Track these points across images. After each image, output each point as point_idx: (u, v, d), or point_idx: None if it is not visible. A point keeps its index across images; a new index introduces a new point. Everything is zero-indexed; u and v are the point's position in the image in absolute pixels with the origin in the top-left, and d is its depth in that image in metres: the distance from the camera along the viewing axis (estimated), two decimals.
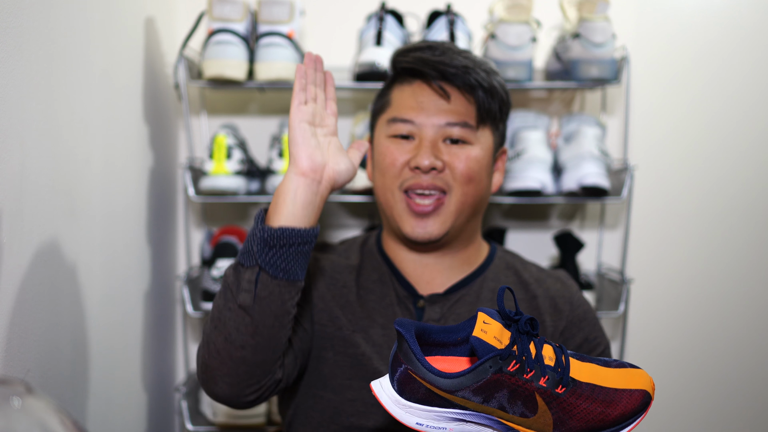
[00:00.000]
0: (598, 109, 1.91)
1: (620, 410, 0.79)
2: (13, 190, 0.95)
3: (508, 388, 0.79)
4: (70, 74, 1.17)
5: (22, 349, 0.98)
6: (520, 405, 0.79)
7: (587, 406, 0.80)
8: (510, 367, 0.78)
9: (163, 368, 1.79)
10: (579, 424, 0.80)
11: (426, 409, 0.81)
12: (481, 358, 0.79)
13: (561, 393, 0.79)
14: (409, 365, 0.80)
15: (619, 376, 0.82)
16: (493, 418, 0.81)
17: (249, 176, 1.70)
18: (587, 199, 1.67)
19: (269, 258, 0.92)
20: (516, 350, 0.79)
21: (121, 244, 1.45)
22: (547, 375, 0.80)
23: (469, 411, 0.80)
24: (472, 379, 0.79)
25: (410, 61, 1.15)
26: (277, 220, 0.93)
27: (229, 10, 1.58)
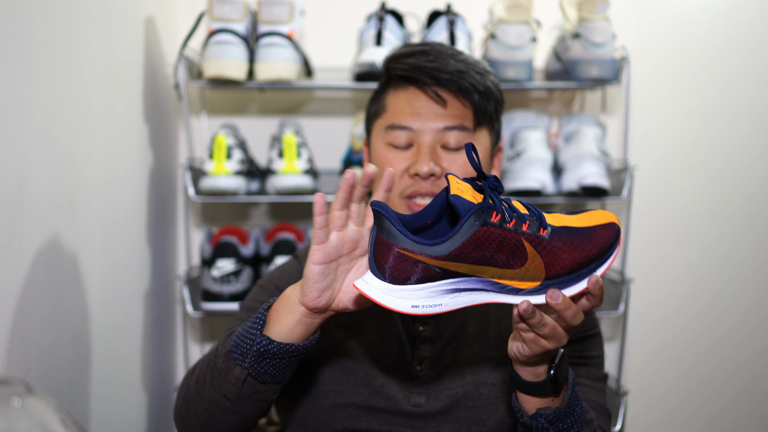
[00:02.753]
0: (598, 109, 1.91)
1: (599, 243, 0.84)
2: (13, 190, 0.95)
3: (495, 239, 0.79)
4: (70, 74, 1.17)
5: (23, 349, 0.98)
6: (511, 255, 0.80)
7: (570, 245, 0.83)
8: (492, 218, 0.79)
9: (163, 368, 1.79)
10: (567, 263, 0.83)
11: (418, 287, 0.80)
12: (463, 216, 0.79)
13: (545, 236, 0.82)
14: (396, 243, 0.79)
15: (585, 218, 0.86)
16: (486, 279, 0.81)
17: (249, 176, 1.70)
18: (587, 199, 1.67)
19: (261, 367, 0.93)
20: (493, 202, 0.80)
21: (121, 244, 1.45)
22: (527, 221, 0.81)
23: (463, 277, 0.80)
24: (460, 238, 0.78)
25: (405, 68, 1.14)
26: (275, 333, 0.92)
27: (229, 10, 1.58)
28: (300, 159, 1.63)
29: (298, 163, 1.62)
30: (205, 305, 1.63)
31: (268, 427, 1.71)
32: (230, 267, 1.63)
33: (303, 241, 1.71)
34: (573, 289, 0.84)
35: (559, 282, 0.83)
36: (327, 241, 0.88)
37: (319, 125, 1.89)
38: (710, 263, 1.97)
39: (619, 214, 1.93)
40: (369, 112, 1.23)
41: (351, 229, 0.90)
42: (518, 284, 0.82)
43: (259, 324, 0.92)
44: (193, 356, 1.87)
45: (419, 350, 1.12)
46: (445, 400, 1.10)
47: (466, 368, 1.11)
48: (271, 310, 0.94)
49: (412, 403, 1.10)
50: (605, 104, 1.88)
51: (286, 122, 1.75)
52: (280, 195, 1.64)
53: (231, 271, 1.63)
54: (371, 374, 1.12)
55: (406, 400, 1.10)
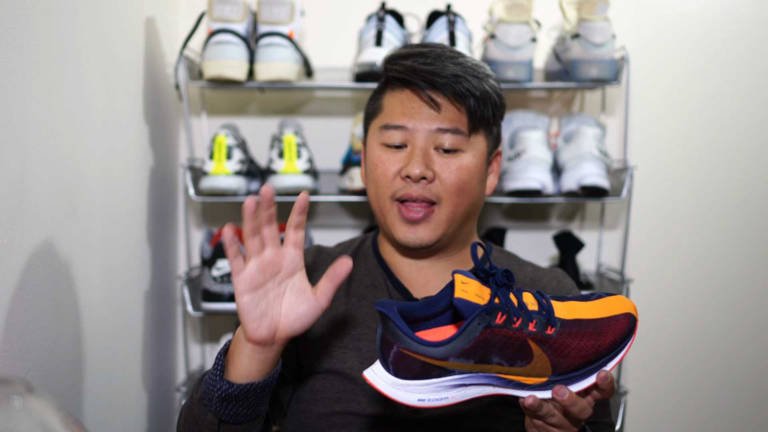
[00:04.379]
0: (597, 109, 1.91)
1: (611, 337, 0.83)
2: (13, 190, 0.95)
3: (500, 341, 0.80)
4: (70, 74, 1.17)
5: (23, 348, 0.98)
6: (516, 355, 0.80)
7: (579, 340, 0.82)
8: (497, 320, 0.79)
9: (163, 368, 1.79)
10: (575, 360, 0.82)
11: (424, 383, 0.81)
12: (467, 318, 0.79)
13: (552, 334, 0.81)
14: (399, 343, 0.80)
15: (599, 307, 0.85)
16: (492, 375, 0.81)
17: (249, 176, 1.71)
18: (587, 199, 1.67)
19: (229, 410, 0.93)
20: (499, 302, 0.80)
21: (121, 244, 1.45)
22: (534, 320, 0.81)
23: (468, 373, 0.81)
24: (463, 340, 0.79)
25: (400, 70, 1.13)
26: (234, 375, 0.93)
27: (230, 11, 1.58)
28: (300, 159, 1.63)
29: (298, 164, 1.62)
30: (205, 305, 1.63)
31: None
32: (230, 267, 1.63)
33: None
34: (581, 385, 0.83)
35: (566, 378, 0.82)
36: (244, 270, 0.89)
37: (319, 125, 1.89)
38: (710, 263, 1.97)
39: (619, 214, 1.93)
40: (366, 111, 1.23)
41: (268, 252, 0.90)
42: (525, 380, 0.82)
43: (218, 369, 0.92)
44: (193, 356, 1.87)
45: None
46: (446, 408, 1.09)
47: None
48: (227, 352, 0.94)
49: (410, 410, 1.10)
50: (605, 104, 1.89)
51: (286, 122, 1.75)
52: (280, 195, 1.64)
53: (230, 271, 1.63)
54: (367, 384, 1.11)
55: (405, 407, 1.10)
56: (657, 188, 1.95)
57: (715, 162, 1.95)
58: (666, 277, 1.97)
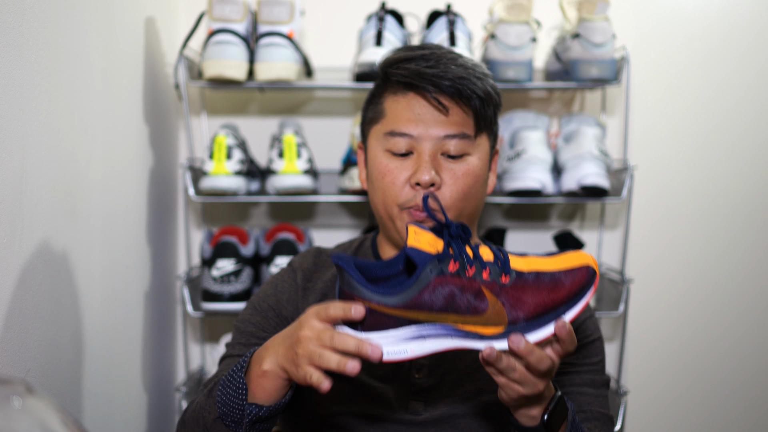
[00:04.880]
0: (598, 109, 1.91)
1: (568, 289, 0.83)
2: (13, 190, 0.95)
3: (453, 289, 0.80)
4: (70, 74, 1.17)
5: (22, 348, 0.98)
6: (470, 302, 0.81)
7: (535, 290, 0.82)
8: (450, 268, 0.80)
9: (163, 368, 1.79)
10: (531, 309, 0.82)
11: (382, 335, 0.82)
12: (420, 266, 0.80)
13: (506, 282, 0.82)
14: (355, 293, 0.81)
15: (558, 261, 0.85)
16: (448, 326, 0.81)
17: (249, 176, 1.70)
18: (587, 199, 1.67)
19: (256, 429, 0.94)
20: (452, 251, 0.81)
21: (121, 244, 1.45)
22: (488, 268, 0.82)
23: (424, 324, 0.81)
24: (416, 288, 0.80)
25: (405, 74, 1.12)
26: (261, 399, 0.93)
27: (229, 10, 1.58)
28: (300, 159, 1.63)
29: (298, 163, 1.62)
30: (205, 305, 1.63)
31: None
32: (230, 267, 1.63)
33: (303, 242, 1.71)
34: (538, 334, 0.83)
35: (523, 327, 0.83)
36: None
37: (319, 125, 1.89)
38: (710, 263, 1.97)
39: (619, 214, 1.93)
40: (366, 116, 1.21)
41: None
42: (482, 330, 0.82)
43: (242, 391, 0.92)
44: (193, 356, 1.87)
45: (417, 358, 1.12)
46: (444, 408, 1.09)
47: (464, 376, 1.11)
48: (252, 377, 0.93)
49: (410, 411, 1.10)
50: (605, 104, 1.89)
51: (286, 122, 1.75)
52: (280, 195, 1.64)
53: (231, 271, 1.63)
54: (368, 382, 1.11)
55: (404, 408, 1.10)
56: (657, 188, 1.95)
57: (715, 162, 1.95)
58: (666, 277, 1.97)
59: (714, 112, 1.95)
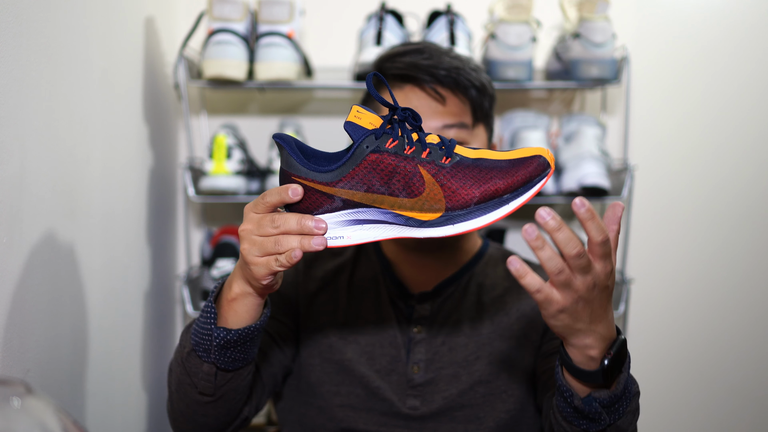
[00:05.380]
0: (598, 109, 1.91)
1: (513, 176, 0.77)
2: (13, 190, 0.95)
3: (389, 167, 0.77)
4: (70, 74, 1.17)
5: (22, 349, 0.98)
6: (407, 183, 0.77)
7: (477, 174, 0.77)
8: (387, 145, 0.77)
9: (163, 368, 1.79)
10: (472, 194, 0.77)
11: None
12: (356, 141, 0.77)
13: (447, 164, 0.77)
14: (292, 170, 0.78)
15: (509, 153, 0.79)
16: (386, 210, 0.78)
17: (249, 176, 1.70)
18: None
19: (227, 357, 0.90)
20: (391, 128, 0.78)
21: (121, 244, 1.45)
22: (428, 149, 0.78)
23: (361, 207, 0.78)
24: (351, 164, 0.77)
25: (401, 67, 1.14)
26: (231, 322, 0.89)
27: (229, 10, 1.58)
28: None
29: None
30: None
31: (267, 427, 1.71)
32: (230, 267, 1.63)
33: None
34: (479, 221, 0.77)
35: (462, 213, 0.77)
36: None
37: (319, 125, 1.89)
38: (710, 263, 1.97)
39: None
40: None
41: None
42: (419, 215, 0.78)
43: (211, 317, 0.89)
44: None
45: (414, 353, 1.12)
46: (441, 402, 1.10)
47: (461, 369, 1.11)
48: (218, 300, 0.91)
49: (408, 406, 1.10)
50: (605, 104, 1.88)
51: (286, 122, 1.75)
52: None
53: (231, 271, 1.63)
54: (367, 376, 1.12)
55: (402, 403, 1.10)
56: (657, 188, 1.95)
57: (715, 161, 1.95)
58: (666, 277, 1.97)
59: (714, 112, 1.95)
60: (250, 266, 0.81)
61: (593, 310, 0.78)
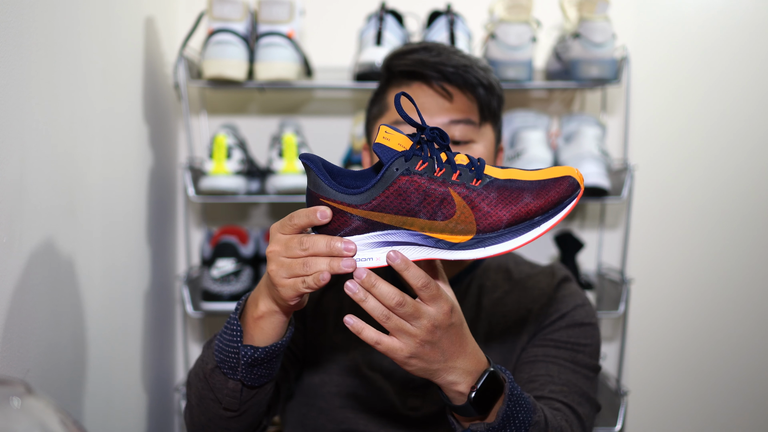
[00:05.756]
0: (598, 109, 1.91)
1: (547, 197, 0.77)
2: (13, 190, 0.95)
3: (420, 190, 0.76)
4: (70, 74, 1.17)
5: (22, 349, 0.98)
6: (437, 205, 0.76)
7: (508, 196, 0.77)
8: (417, 167, 0.76)
9: (163, 368, 1.79)
10: (503, 216, 0.76)
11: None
12: (386, 163, 0.76)
13: (477, 186, 0.77)
14: (320, 193, 0.77)
15: (540, 173, 0.79)
16: (416, 233, 0.77)
17: (249, 176, 1.70)
18: (587, 199, 1.67)
19: (254, 374, 0.91)
20: (422, 151, 0.77)
21: (121, 244, 1.45)
22: (458, 171, 0.77)
23: (390, 230, 0.77)
24: (381, 186, 0.76)
25: (409, 64, 1.13)
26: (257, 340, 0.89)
27: (229, 10, 1.58)
28: None
29: (298, 163, 1.62)
30: (205, 305, 1.63)
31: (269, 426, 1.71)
32: (230, 267, 1.63)
33: None
34: (509, 245, 0.77)
35: (493, 236, 0.77)
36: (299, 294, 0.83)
37: (319, 125, 1.89)
38: (710, 263, 1.97)
39: (619, 214, 1.93)
40: (370, 113, 1.22)
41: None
42: (449, 238, 0.77)
43: (237, 334, 0.89)
44: (193, 356, 1.87)
45: None
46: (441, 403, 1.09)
47: None
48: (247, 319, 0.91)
49: (409, 406, 1.10)
50: (605, 104, 1.88)
51: (286, 122, 1.75)
52: (280, 195, 1.64)
53: (231, 271, 1.63)
54: (368, 377, 1.11)
55: (402, 404, 1.10)
56: (657, 188, 1.95)
57: (715, 162, 1.95)
58: (666, 277, 1.97)
59: (714, 112, 1.95)
60: (277, 287, 0.81)
61: (444, 350, 0.80)
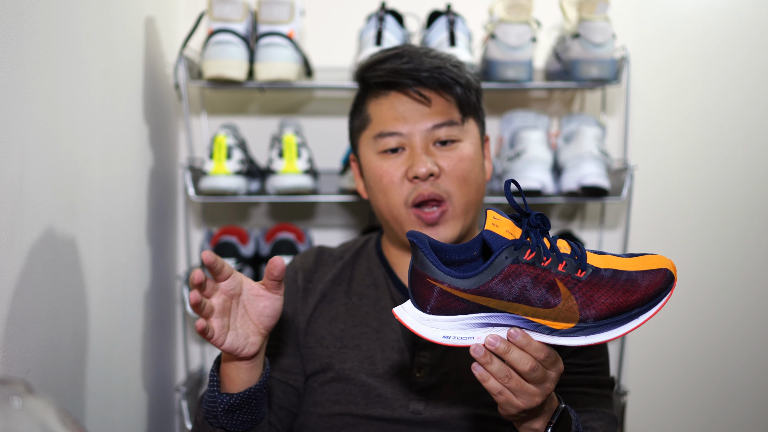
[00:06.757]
0: (598, 109, 1.91)
1: (644, 290, 0.80)
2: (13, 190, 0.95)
3: (527, 277, 0.78)
4: (70, 74, 1.17)
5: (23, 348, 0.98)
6: (543, 293, 0.78)
7: (610, 288, 0.79)
8: (526, 256, 0.78)
9: (163, 368, 1.79)
10: (605, 307, 0.79)
11: (451, 318, 0.80)
12: (496, 251, 0.78)
13: (582, 277, 0.79)
14: (427, 273, 0.79)
15: (636, 262, 0.82)
16: (519, 316, 0.80)
17: (249, 176, 1.70)
18: (587, 199, 1.67)
19: (234, 419, 0.95)
20: (530, 240, 0.79)
21: (121, 244, 1.45)
22: (564, 261, 0.79)
23: (494, 312, 0.79)
24: (490, 273, 0.78)
25: (383, 75, 1.15)
26: (231, 388, 0.95)
27: (229, 10, 1.58)
28: (300, 159, 1.63)
29: (298, 163, 1.62)
30: None
31: None
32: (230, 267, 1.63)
33: (303, 242, 1.71)
34: (609, 335, 0.80)
35: (594, 326, 0.80)
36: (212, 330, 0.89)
37: (319, 125, 1.89)
38: (710, 263, 1.97)
39: (619, 214, 1.93)
40: (352, 127, 1.23)
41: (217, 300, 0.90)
42: (552, 324, 0.80)
43: (215, 385, 0.94)
44: (193, 356, 1.87)
45: (419, 357, 1.11)
46: (444, 408, 1.09)
47: (465, 375, 1.10)
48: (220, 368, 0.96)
49: (410, 410, 1.09)
50: (605, 104, 1.89)
51: (286, 122, 1.75)
52: (280, 195, 1.64)
53: None
54: (368, 383, 1.11)
55: (405, 408, 1.10)
56: (657, 188, 1.95)
57: (715, 162, 1.95)
58: None
59: (714, 112, 1.95)
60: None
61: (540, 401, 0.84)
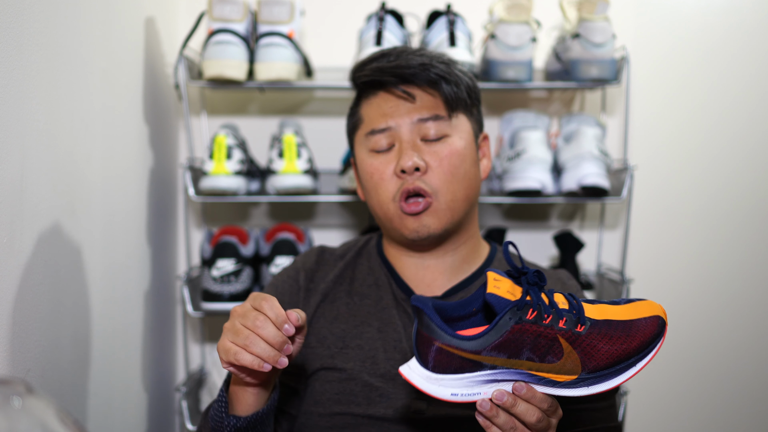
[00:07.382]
0: (598, 109, 1.91)
1: (640, 338, 0.84)
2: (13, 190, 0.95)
3: (530, 336, 0.82)
4: (70, 74, 1.17)
5: (23, 348, 0.98)
6: (546, 351, 0.83)
7: (608, 339, 0.84)
8: (528, 316, 0.82)
9: (163, 368, 1.79)
10: (605, 358, 0.84)
11: (458, 377, 0.84)
12: (499, 313, 0.82)
13: (581, 332, 0.83)
14: (434, 337, 0.83)
15: (629, 310, 0.87)
16: (523, 371, 0.84)
17: (249, 176, 1.70)
18: (587, 199, 1.67)
19: None
20: (530, 299, 0.83)
21: (121, 244, 1.45)
22: (564, 317, 0.83)
23: (500, 369, 0.83)
24: (495, 334, 0.82)
25: (368, 74, 1.16)
26: (239, 410, 0.98)
27: (229, 10, 1.58)
28: (300, 159, 1.63)
29: (298, 163, 1.62)
30: (205, 305, 1.63)
31: None
32: (230, 267, 1.63)
33: (303, 242, 1.71)
34: (610, 384, 0.85)
35: (595, 377, 0.84)
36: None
37: (319, 125, 1.89)
38: (710, 263, 1.97)
39: (619, 214, 1.93)
40: (348, 129, 1.24)
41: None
42: (555, 377, 0.84)
43: (223, 406, 0.96)
44: (193, 356, 1.87)
45: None
46: (447, 408, 1.09)
47: None
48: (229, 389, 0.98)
49: (413, 409, 1.09)
50: (605, 104, 1.89)
51: (286, 122, 1.75)
52: (280, 195, 1.64)
53: (231, 271, 1.63)
54: (370, 382, 1.11)
55: (407, 407, 1.10)
56: (657, 188, 1.95)
57: (715, 162, 1.95)
58: (666, 277, 1.97)
59: (714, 112, 1.95)
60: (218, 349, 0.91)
61: None
